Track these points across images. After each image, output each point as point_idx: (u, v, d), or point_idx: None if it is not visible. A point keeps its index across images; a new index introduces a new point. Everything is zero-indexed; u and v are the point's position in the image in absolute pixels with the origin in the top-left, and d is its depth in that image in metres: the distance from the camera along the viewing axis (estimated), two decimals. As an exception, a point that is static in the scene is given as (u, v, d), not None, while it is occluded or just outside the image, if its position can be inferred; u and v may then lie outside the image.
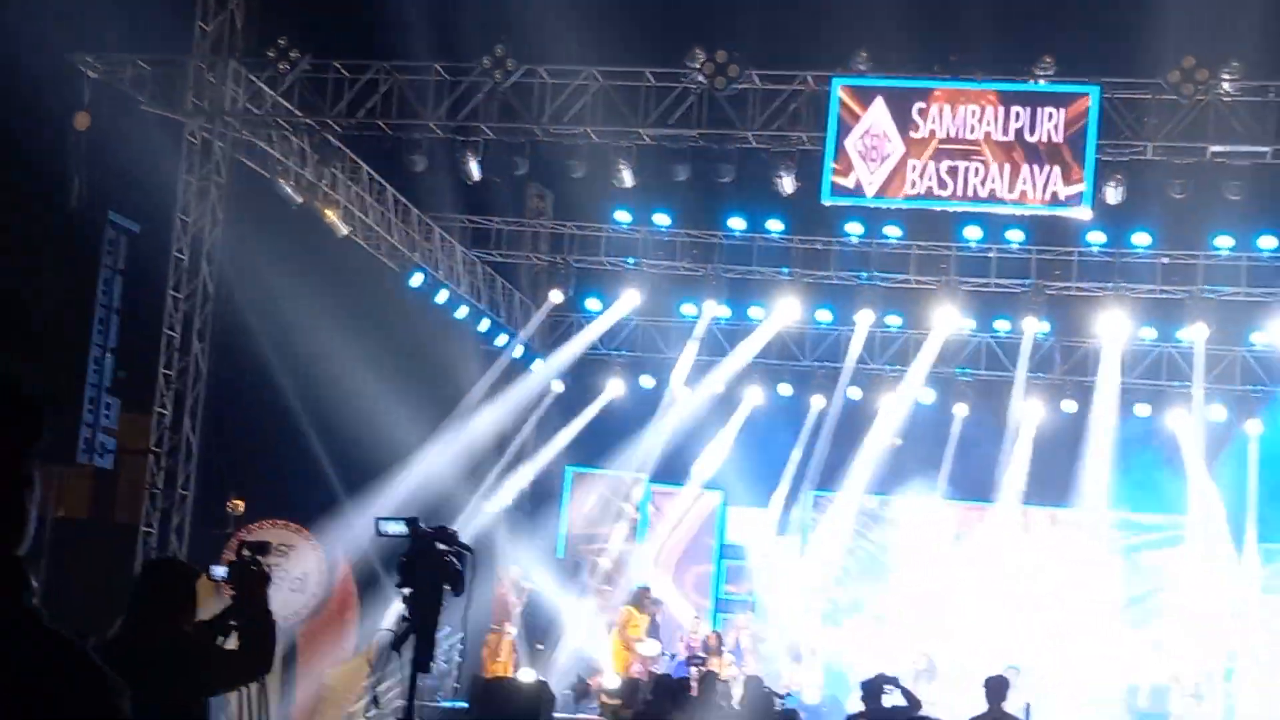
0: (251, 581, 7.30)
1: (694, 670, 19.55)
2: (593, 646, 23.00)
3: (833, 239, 23.56)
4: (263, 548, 7.76)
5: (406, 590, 7.26)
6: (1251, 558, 24.12)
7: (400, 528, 7.34)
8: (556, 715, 18.42)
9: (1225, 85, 17.60)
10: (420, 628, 7.17)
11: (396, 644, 7.21)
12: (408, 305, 22.33)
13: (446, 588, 7.29)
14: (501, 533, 24.38)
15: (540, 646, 22.85)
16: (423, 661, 7.24)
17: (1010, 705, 15.51)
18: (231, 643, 7.32)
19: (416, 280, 22.48)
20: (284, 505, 19.17)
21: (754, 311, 24.62)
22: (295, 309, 18.94)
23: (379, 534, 7.48)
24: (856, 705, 16.10)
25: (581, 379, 26.10)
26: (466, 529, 20.60)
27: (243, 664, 7.24)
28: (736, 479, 25.68)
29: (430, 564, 7.22)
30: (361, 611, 19.58)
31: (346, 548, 19.22)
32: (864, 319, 23.81)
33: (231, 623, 7.35)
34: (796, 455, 25.42)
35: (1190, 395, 23.91)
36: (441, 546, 7.31)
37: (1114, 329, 23.04)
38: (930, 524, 25.40)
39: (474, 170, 19.76)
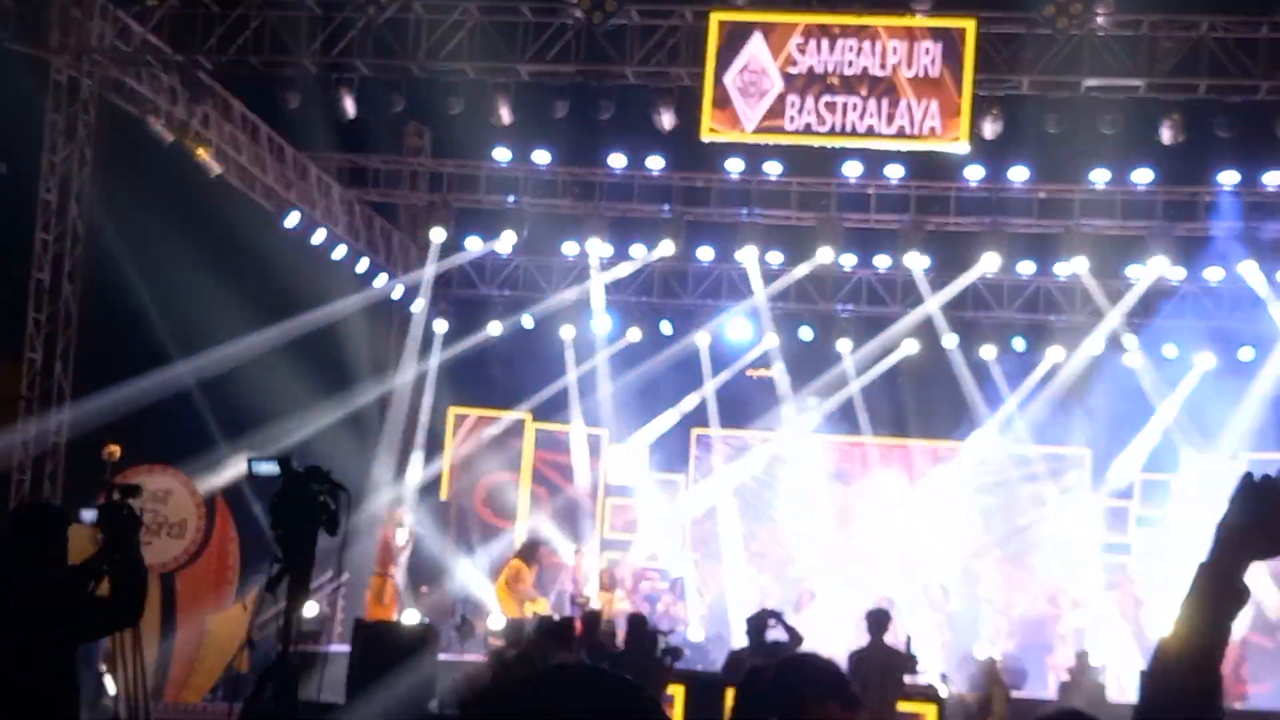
0: (122, 525, 7.12)
1: (579, 609, 19.56)
2: (478, 588, 22.97)
3: (713, 176, 23.52)
4: (133, 490, 7.60)
5: (279, 531, 7.15)
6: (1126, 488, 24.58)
7: (272, 468, 7.22)
8: (440, 657, 18.35)
9: (1099, 19, 17.72)
10: (294, 568, 7.06)
11: (271, 585, 7.10)
12: (284, 245, 21.99)
13: (321, 528, 7.19)
14: (384, 474, 24.23)
15: (424, 590, 22.77)
16: (297, 603, 7.15)
17: (891, 637, 15.67)
18: (104, 589, 7.15)
19: (292, 220, 22.17)
20: (161, 450, 18.86)
21: (635, 249, 24.55)
22: (168, 250, 18.58)
23: (250, 474, 7.36)
24: (741, 640, 16.23)
25: (463, 318, 25.90)
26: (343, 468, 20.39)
27: (114, 610, 7.06)
28: (616, 417, 25.66)
29: (303, 504, 7.11)
30: (242, 557, 19.37)
31: (226, 492, 19.00)
32: (747, 255, 23.82)
33: (103, 567, 7.18)
34: (677, 392, 25.48)
35: (1070, 328, 24.29)
36: (315, 486, 7.20)
37: (992, 263, 23.22)
38: (814, 459, 25.58)
39: (349, 108, 19.45)
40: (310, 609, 19.68)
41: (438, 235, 24.10)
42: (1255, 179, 21.82)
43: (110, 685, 13.58)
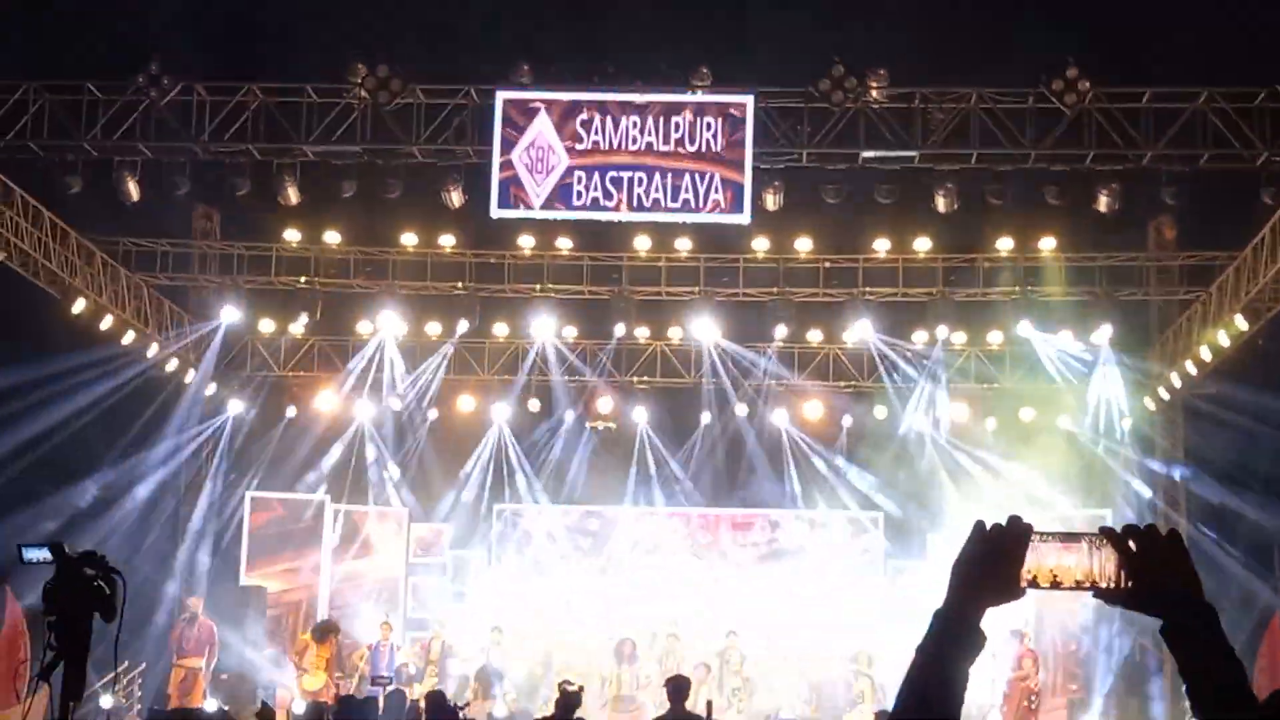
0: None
1: (380, 690, 19.46)
2: (281, 672, 22.72)
3: (506, 252, 23.68)
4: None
5: (53, 617, 7.05)
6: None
7: (44, 554, 7.12)
8: (240, 744, 18.10)
9: (873, 93, 18.30)
10: (69, 656, 6.97)
11: (45, 673, 7.00)
12: (71, 332, 21.58)
13: (96, 614, 7.10)
14: (189, 561, 23.98)
15: (224, 676, 22.45)
16: (74, 690, 7.05)
17: (691, 704, 15.82)
18: None
19: (78, 306, 21.70)
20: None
21: (431, 327, 24.55)
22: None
23: (22, 562, 7.24)
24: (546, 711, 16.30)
25: (256, 400, 25.59)
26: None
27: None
28: (419, 494, 25.55)
29: (77, 589, 7.03)
30: (33, 650, 18.92)
31: (16, 585, 18.61)
32: (542, 330, 24.06)
33: None
34: (479, 468, 25.43)
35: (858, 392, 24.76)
36: (89, 571, 7.12)
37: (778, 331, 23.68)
38: (624, 531, 25.72)
39: (132, 191, 19.26)
40: (106, 701, 19.34)
41: (230, 316, 23.84)
42: (1030, 244, 22.59)
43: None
